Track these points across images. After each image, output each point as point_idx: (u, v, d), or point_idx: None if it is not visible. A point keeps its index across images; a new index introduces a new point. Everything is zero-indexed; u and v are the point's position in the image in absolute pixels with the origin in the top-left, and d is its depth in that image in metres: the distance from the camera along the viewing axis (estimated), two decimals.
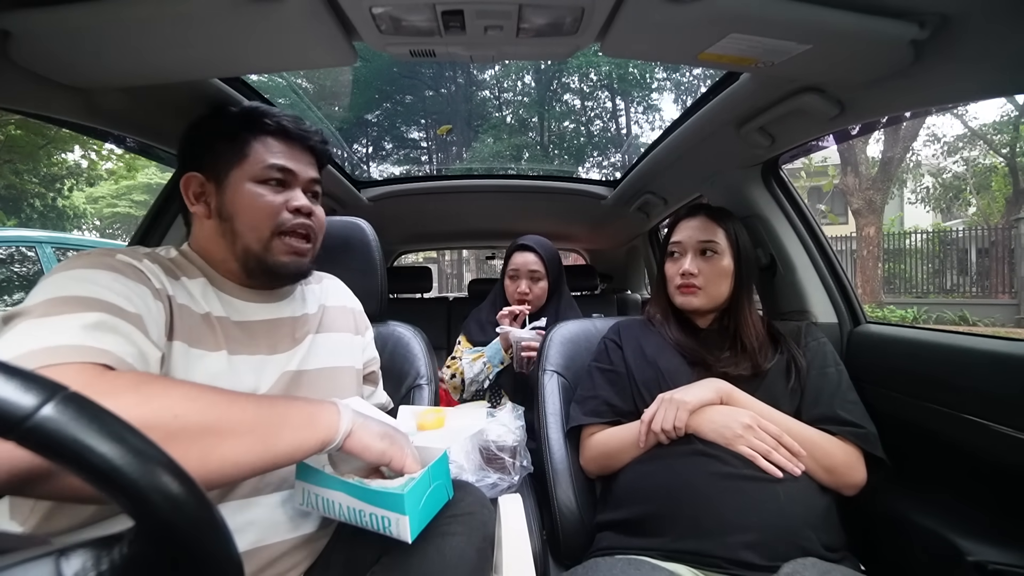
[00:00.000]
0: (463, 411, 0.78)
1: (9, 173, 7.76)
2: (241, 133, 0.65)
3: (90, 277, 0.51)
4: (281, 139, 0.67)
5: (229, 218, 0.64)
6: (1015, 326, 7.70)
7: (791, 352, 0.86)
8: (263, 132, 0.66)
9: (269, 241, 0.65)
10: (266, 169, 0.65)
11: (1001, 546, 0.69)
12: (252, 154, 0.65)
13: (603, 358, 0.96)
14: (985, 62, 0.64)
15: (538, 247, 1.42)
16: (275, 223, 0.65)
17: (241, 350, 0.63)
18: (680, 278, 0.91)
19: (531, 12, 0.60)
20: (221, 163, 0.65)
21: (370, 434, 0.57)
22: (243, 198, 0.64)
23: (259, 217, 0.64)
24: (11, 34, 0.59)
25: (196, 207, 0.65)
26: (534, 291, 1.41)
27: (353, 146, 13.21)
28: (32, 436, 0.22)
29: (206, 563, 0.26)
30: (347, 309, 0.84)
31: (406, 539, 0.53)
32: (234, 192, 0.64)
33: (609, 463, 0.86)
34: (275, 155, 0.66)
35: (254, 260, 0.65)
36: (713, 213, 0.93)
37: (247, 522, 0.59)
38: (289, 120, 0.68)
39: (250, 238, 0.64)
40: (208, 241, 0.67)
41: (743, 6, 0.57)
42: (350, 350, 0.80)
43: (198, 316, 0.60)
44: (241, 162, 0.64)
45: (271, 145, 0.66)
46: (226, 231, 0.65)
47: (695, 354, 0.87)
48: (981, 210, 10.65)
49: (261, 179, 0.65)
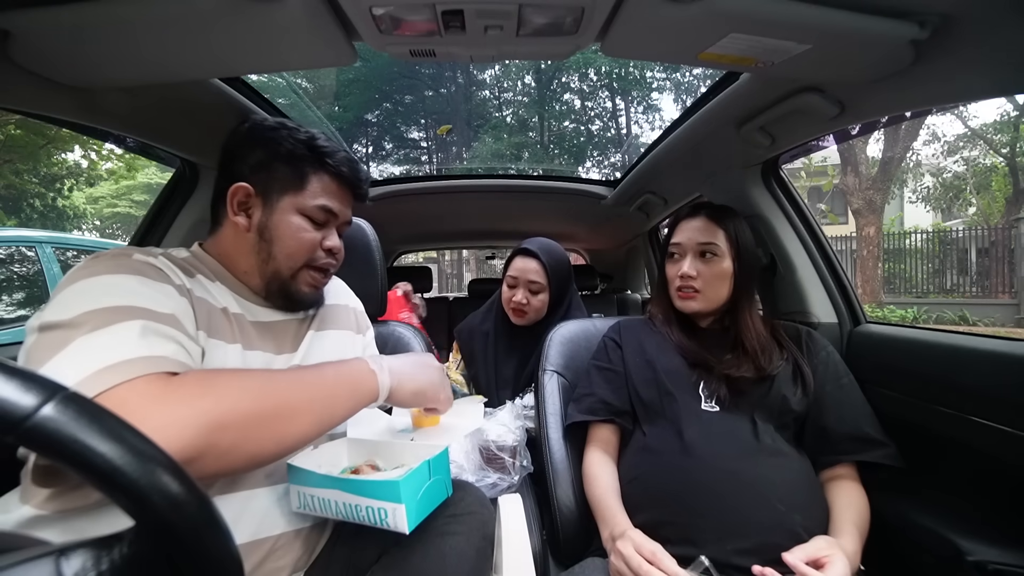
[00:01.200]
0: (459, 406, 0.78)
1: (9, 173, 7.75)
2: (303, 163, 0.66)
3: (119, 283, 0.52)
4: (336, 180, 0.69)
5: (269, 240, 0.66)
6: (1015, 326, 7.70)
7: (795, 357, 0.85)
8: (323, 169, 0.67)
9: (298, 272, 0.68)
10: (317, 209, 0.67)
11: (1001, 546, 0.69)
12: (308, 187, 0.66)
13: (602, 357, 0.96)
14: (985, 62, 0.64)
15: (542, 253, 1.26)
16: (309, 258, 0.68)
17: (255, 347, 0.65)
18: (679, 280, 0.90)
19: (531, 12, 0.60)
20: (276, 185, 0.65)
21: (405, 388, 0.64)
22: (288, 227, 0.66)
23: (298, 249, 0.67)
24: (11, 34, 0.59)
25: (238, 217, 0.65)
26: (532, 303, 1.27)
27: (353, 146, 13.22)
28: (32, 436, 0.22)
29: (206, 562, 0.26)
30: (348, 308, 0.85)
31: (403, 530, 0.53)
32: (281, 218, 0.66)
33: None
34: (328, 196, 0.68)
35: (278, 284, 0.68)
36: (714, 213, 0.92)
37: (245, 515, 0.59)
38: (348, 165, 0.69)
39: (283, 264, 0.67)
40: (237, 251, 0.67)
41: (743, 6, 0.57)
42: (351, 348, 0.80)
43: (217, 309, 0.61)
44: (296, 192, 0.66)
45: (327, 184, 0.68)
46: (261, 249, 0.66)
47: (696, 356, 0.86)
48: (981, 210, 10.65)
49: (309, 214, 0.67)
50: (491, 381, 1.31)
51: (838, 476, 0.78)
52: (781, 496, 0.70)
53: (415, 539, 0.59)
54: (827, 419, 0.79)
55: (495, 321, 1.37)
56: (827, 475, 0.79)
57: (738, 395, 0.81)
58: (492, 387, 1.30)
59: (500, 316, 1.35)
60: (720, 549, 0.67)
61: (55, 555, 0.23)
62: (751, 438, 0.76)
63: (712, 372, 0.83)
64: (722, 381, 0.82)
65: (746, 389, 0.81)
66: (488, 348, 1.34)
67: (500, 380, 1.30)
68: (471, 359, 1.37)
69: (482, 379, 1.33)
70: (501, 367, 1.32)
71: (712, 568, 0.62)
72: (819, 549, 0.64)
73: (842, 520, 0.71)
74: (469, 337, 1.40)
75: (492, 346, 1.34)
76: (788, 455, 0.76)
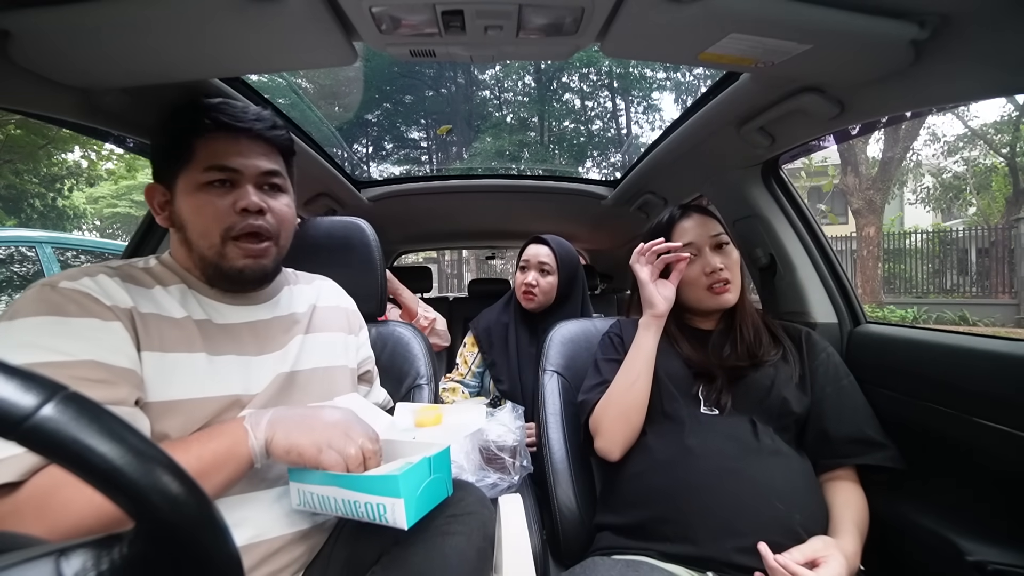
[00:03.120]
0: (461, 408, 0.78)
1: (9, 173, 7.76)
2: (183, 135, 0.61)
3: (35, 340, 0.50)
4: (223, 134, 0.62)
5: (182, 227, 0.63)
6: (1015, 326, 7.69)
7: (795, 357, 0.85)
8: (203, 130, 0.61)
9: (222, 247, 0.62)
10: (207, 171, 0.61)
11: (1001, 546, 0.69)
12: (196, 156, 0.61)
13: (609, 350, 0.95)
14: (985, 62, 0.64)
15: (552, 241, 1.40)
16: (223, 228, 0.62)
17: (224, 351, 0.63)
18: (707, 277, 0.85)
19: (531, 12, 0.60)
20: (170, 170, 0.62)
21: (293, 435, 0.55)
22: (190, 205, 0.61)
23: (206, 224, 0.61)
24: (11, 34, 0.59)
25: (160, 216, 0.65)
26: (541, 284, 1.36)
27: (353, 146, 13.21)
28: (32, 436, 0.22)
29: (206, 562, 0.26)
30: (340, 309, 0.84)
31: (402, 525, 0.53)
32: (182, 200, 0.62)
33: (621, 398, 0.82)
34: (217, 155, 0.61)
35: (211, 268, 0.64)
36: (704, 210, 0.93)
37: (244, 518, 0.59)
38: (228, 113, 0.62)
39: (202, 246, 0.62)
40: (175, 249, 0.67)
41: (743, 6, 0.57)
42: (344, 349, 0.80)
43: (171, 321, 0.60)
44: (185, 167, 0.61)
45: (212, 142, 0.61)
46: (183, 240, 0.64)
47: (701, 365, 0.85)
48: (981, 210, 10.65)
49: (205, 182, 0.61)
50: (513, 368, 1.37)
51: (837, 477, 0.78)
52: (781, 495, 0.70)
53: (415, 539, 0.59)
54: (827, 421, 0.79)
55: (513, 313, 1.45)
56: (827, 476, 0.79)
57: (737, 398, 0.80)
58: (515, 373, 1.36)
59: (518, 307, 1.44)
60: (720, 548, 0.67)
61: (55, 555, 0.23)
62: (751, 438, 0.76)
63: (714, 381, 0.82)
64: (723, 386, 0.81)
65: (744, 387, 0.81)
66: (509, 336, 1.41)
67: (523, 364, 1.36)
68: (489, 348, 1.43)
69: (502, 367, 1.38)
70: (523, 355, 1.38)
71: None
72: (816, 550, 0.64)
73: (842, 520, 0.71)
74: (487, 327, 1.46)
75: (514, 334, 1.41)
76: (788, 455, 0.76)
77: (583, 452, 0.97)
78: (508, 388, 1.35)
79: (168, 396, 0.57)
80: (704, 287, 0.86)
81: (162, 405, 0.56)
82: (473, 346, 1.48)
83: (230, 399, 0.61)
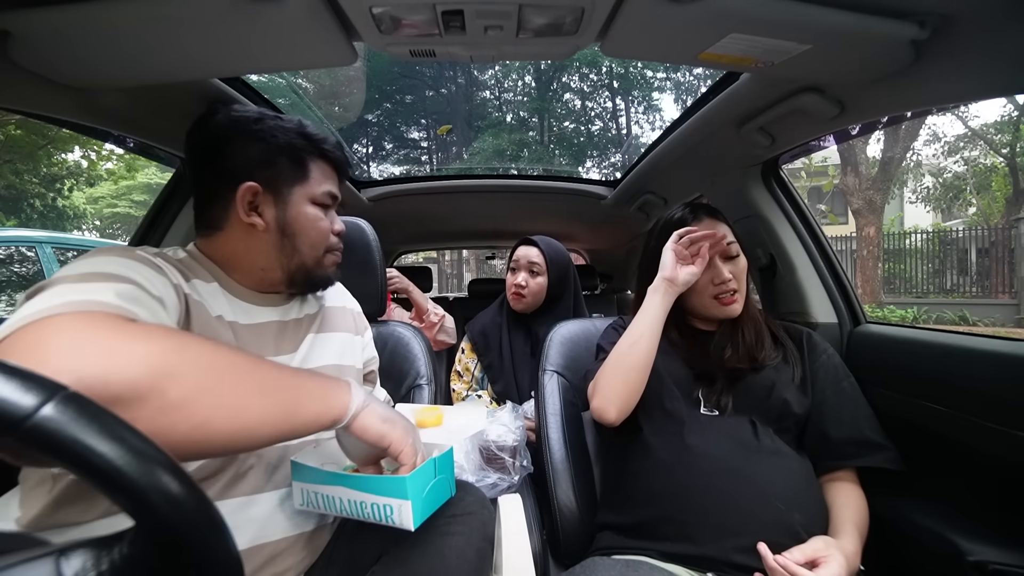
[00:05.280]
0: (462, 408, 0.78)
1: (9, 173, 7.75)
2: (302, 153, 0.67)
3: (118, 260, 0.52)
4: (331, 165, 0.71)
5: (292, 235, 0.67)
6: (1015, 326, 7.69)
7: (793, 354, 0.85)
8: (319, 156, 0.69)
9: (321, 258, 0.71)
10: (324, 195, 0.69)
11: (1001, 546, 0.69)
12: (311, 176, 0.68)
13: (611, 336, 0.94)
14: (985, 62, 0.64)
15: (541, 243, 1.39)
16: (328, 243, 0.71)
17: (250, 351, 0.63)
18: (714, 287, 0.84)
19: (531, 12, 0.60)
20: (282, 179, 0.66)
21: (374, 416, 0.55)
22: (307, 219, 0.68)
23: (319, 239, 0.70)
24: (11, 34, 0.59)
25: (253, 218, 0.64)
26: (530, 285, 1.36)
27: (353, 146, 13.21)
28: (32, 436, 0.22)
29: (206, 562, 0.26)
30: (346, 310, 0.85)
31: (408, 527, 0.53)
32: (297, 211, 0.67)
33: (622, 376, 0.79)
34: (328, 181, 0.71)
35: (303, 274, 0.70)
36: (713, 212, 0.91)
37: (246, 520, 0.59)
38: (339, 149, 0.72)
39: (308, 256, 0.69)
40: (253, 251, 0.66)
41: (743, 6, 0.57)
42: (351, 349, 0.80)
43: (212, 317, 0.61)
44: (303, 182, 0.67)
45: (324, 169, 0.70)
46: (285, 246, 0.67)
47: (701, 365, 0.85)
48: (981, 210, 10.65)
49: (319, 202, 0.69)
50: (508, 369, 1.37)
51: (838, 477, 0.78)
52: (781, 495, 0.70)
53: (415, 539, 0.59)
54: (828, 423, 0.79)
55: (506, 314, 1.46)
56: (827, 477, 0.79)
57: (737, 399, 0.80)
58: (510, 374, 1.37)
59: (510, 308, 1.45)
60: (719, 547, 0.67)
61: (55, 555, 0.23)
62: (751, 439, 0.76)
63: (714, 383, 0.82)
64: (723, 387, 0.81)
65: (744, 388, 0.81)
66: (503, 337, 1.42)
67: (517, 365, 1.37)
68: (486, 350, 1.43)
69: (498, 368, 1.39)
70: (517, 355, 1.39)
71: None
72: (816, 550, 0.64)
73: (842, 520, 0.71)
74: (482, 329, 1.47)
75: (507, 335, 1.42)
76: (788, 455, 0.76)
77: (583, 452, 0.97)
78: (503, 389, 1.35)
79: None
80: (711, 295, 0.85)
81: None
82: (471, 351, 1.47)
83: None
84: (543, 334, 1.14)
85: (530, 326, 1.40)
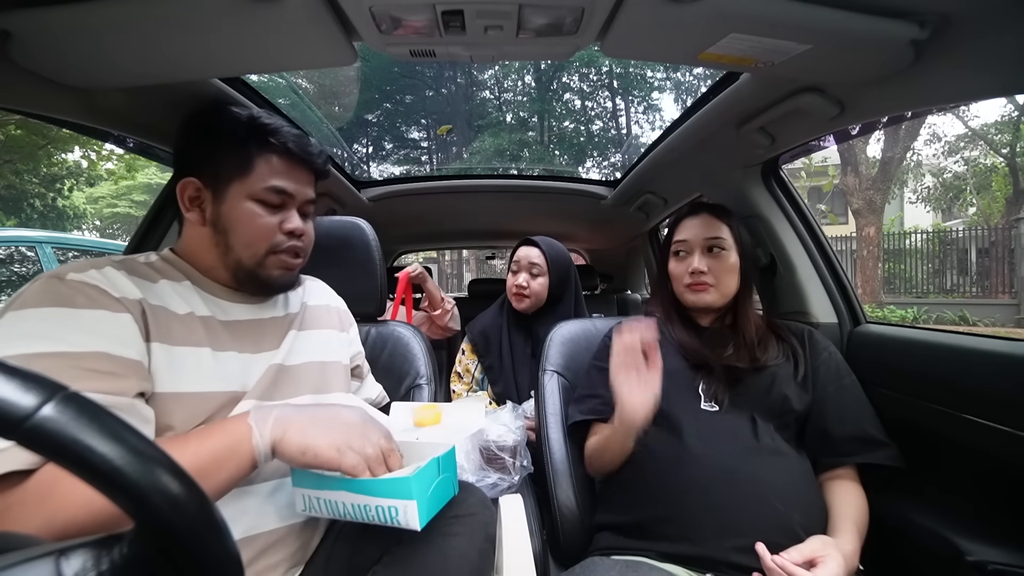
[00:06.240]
0: (460, 406, 0.78)
1: (9, 173, 7.75)
2: (246, 147, 0.64)
3: (43, 331, 0.50)
4: (285, 158, 0.66)
5: (224, 231, 0.64)
6: (1015, 326, 7.69)
7: (797, 356, 0.85)
8: (268, 149, 0.65)
9: (263, 259, 0.66)
10: (267, 191, 0.65)
11: (1001, 546, 0.69)
12: (255, 171, 0.64)
13: (603, 356, 0.95)
14: (985, 62, 0.64)
15: (542, 243, 1.39)
16: (270, 244, 0.66)
17: (227, 347, 0.64)
18: (689, 276, 0.90)
19: (531, 12, 0.60)
20: (222, 174, 0.64)
21: (309, 435, 0.52)
22: (241, 215, 0.64)
23: (255, 237, 0.65)
24: (11, 34, 0.59)
25: (191, 213, 0.65)
26: (532, 286, 1.36)
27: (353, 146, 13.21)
28: (32, 436, 0.22)
29: (206, 562, 0.26)
30: (330, 308, 0.85)
31: (415, 527, 0.52)
32: (232, 207, 0.64)
33: (600, 459, 0.86)
34: (277, 176, 0.65)
35: (245, 273, 0.66)
36: (716, 211, 0.93)
37: (240, 511, 0.59)
38: (294, 141, 0.66)
39: (244, 254, 0.65)
40: (199, 247, 0.66)
41: (743, 6, 0.57)
42: (337, 345, 0.81)
43: (178, 316, 0.60)
44: (243, 177, 0.64)
45: (274, 164, 0.65)
46: (219, 242, 0.65)
47: (698, 356, 0.86)
48: (981, 210, 10.65)
49: (260, 198, 0.64)
50: (507, 369, 1.37)
51: (838, 476, 0.78)
52: (780, 495, 0.70)
53: (417, 539, 0.59)
54: (828, 420, 0.80)
55: (507, 315, 1.45)
56: (826, 475, 0.79)
57: (737, 395, 0.80)
58: (510, 375, 1.36)
59: (511, 308, 1.44)
60: (718, 547, 0.67)
61: (55, 555, 0.23)
62: (750, 437, 0.76)
63: (713, 373, 0.83)
64: (722, 381, 0.82)
65: (744, 386, 0.81)
66: (503, 338, 1.42)
67: (517, 365, 1.37)
68: (486, 351, 1.43)
69: (497, 368, 1.39)
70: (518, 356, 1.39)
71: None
72: (814, 549, 0.64)
73: (841, 520, 0.71)
74: (482, 330, 1.46)
75: (508, 336, 1.41)
76: (787, 455, 0.76)
77: (583, 452, 0.97)
78: (503, 390, 1.35)
79: (176, 388, 0.57)
80: (684, 284, 0.91)
81: (170, 397, 0.56)
82: (472, 353, 1.47)
83: (231, 395, 0.61)
84: (543, 335, 1.14)
85: (531, 327, 1.40)
